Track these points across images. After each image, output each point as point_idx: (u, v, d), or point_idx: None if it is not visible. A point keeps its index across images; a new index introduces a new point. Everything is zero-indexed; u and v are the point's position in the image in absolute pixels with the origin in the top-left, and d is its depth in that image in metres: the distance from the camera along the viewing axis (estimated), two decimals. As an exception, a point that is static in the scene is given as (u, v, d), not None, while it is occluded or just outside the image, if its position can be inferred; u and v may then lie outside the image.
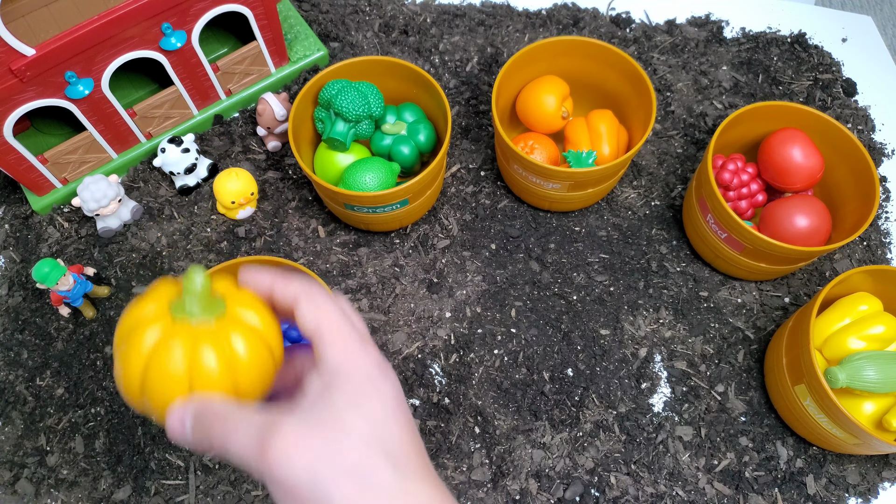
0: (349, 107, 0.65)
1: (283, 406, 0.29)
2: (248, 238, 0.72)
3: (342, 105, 0.65)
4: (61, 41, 0.59)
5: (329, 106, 0.67)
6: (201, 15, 0.67)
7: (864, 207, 0.63)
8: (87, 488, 0.61)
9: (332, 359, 0.29)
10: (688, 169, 0.77)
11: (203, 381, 0.29)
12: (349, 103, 0.65)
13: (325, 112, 0.68)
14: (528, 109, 0.72)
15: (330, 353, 0.29)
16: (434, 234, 0.73)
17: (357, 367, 0.29)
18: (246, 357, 0.30)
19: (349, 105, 0.65)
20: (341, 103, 0.65)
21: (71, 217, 0.73)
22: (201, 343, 0.29)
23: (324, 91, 0.67)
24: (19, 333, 0.68)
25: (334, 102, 0.65)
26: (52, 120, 0.74)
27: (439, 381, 0.65)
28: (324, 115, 0.68)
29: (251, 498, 0.60)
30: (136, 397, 0.30)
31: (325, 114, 0.68)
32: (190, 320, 0.29)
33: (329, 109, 0.67)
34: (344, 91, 0.66)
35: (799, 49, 0.86)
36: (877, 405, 0.59)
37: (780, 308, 0.70)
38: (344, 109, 0.65)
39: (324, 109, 0.68)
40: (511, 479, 0.61)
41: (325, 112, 0.68)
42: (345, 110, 0.65)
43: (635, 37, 0.86)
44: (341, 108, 0.65)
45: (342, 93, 0.65)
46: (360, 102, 0.65)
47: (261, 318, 0.31)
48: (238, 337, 0.30)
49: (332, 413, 0.27)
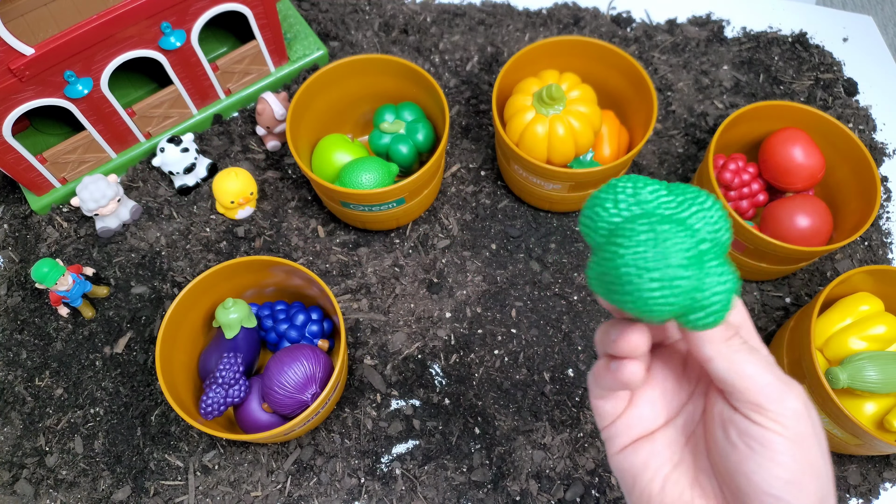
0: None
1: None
2: (247, 238, 0.72)
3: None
4: (60, 40, 0.59)
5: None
6: (200, 14, 0.67)
7: (866, 207, 0.63)
8: (86, 489, 0.61)
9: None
10: (689, 169, 0.77)
11: (557, 142, 0.63)
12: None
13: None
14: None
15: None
16: (434, 234, 0.73)
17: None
18: (579, 128, 0.63)
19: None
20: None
21: (70, 217, 0.73)
22: (555, 121, 0.63)
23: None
24: (18, 333, 0.67)
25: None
26: (52, 119, 0.74)
27: (439, 382, 0.65)
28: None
29: (251, 499, 0.60)
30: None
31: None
32: (547, 111, 0.64)
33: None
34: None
35: (800, 49, 0.86)
36: (878, 405, 0.59)
37: (781, 308, 0.69)
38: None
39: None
40: (511, 480, 0.61)
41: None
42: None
43: (636, 36, 0.86)
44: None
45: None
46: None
47: (587, 107, 0.64)
48: (573, 118, 0.63)
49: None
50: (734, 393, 0.26)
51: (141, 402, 0.64)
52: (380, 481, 0.61)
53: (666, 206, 0.26)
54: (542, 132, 0.64)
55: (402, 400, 0.64)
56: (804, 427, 0.26)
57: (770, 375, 0.26)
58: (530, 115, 0.65)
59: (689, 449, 0.30)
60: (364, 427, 0.63)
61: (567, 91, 0.66)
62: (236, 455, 0.62)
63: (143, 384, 0.65)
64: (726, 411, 0.27)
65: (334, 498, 0.60)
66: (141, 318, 0.68)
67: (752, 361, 0.26)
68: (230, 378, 0.57)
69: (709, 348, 0.26)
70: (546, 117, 0.64)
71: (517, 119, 0.65)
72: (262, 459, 0.62)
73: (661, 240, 0.25)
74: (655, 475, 0.29)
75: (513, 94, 0.67)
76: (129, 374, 0.65)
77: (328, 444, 0.62)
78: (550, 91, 0.63)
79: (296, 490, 0.60)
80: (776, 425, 0.25)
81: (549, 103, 0.64)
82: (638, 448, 0.30)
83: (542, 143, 0.65)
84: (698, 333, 0.26)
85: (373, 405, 0.64)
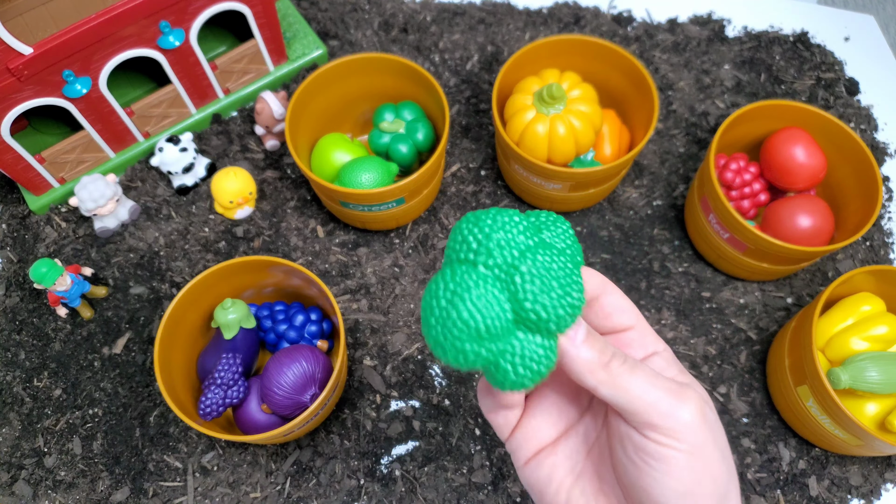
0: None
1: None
2: (246, 238, 0.72)
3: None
4: (59, 40, 0.59)
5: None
6: (199, 13, 0.67)
7: (867, 207, 0.62)
8: (84, 490, 0.60)
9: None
10: (690, 168, 0.77)
11: (558, 141, 0.63)
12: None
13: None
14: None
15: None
16: (434, 234, 0.72)
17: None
18: (580, 127, 0.63)
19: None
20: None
21: (68, 217, 0.73)
22: (555, 121, 0.63)
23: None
24: (17, 334, 0.67)
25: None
26: (50, 119, 0.74)
27: (439, 383, 0.65)
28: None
29: (249, 500, 0.60)
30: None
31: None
32: (547, 111, 0.63)
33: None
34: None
35: (801, 48, 0.85)
36: (880, 406, 0.59)
37: (783, 309, 0.69)
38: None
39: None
40: (512, 482, 0.61)
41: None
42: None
43: (637, 35, 0.86)
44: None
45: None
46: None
47: (588, 106, 0.63)
48: (574, 117, 0.63)
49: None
50: (626, 414, 0.25)
51: (139, 403, 0.64)
52: (379, 483, 0.61)
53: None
54: (543, 131, 0.64)
55: (401, 401, 0.64)
56: (701, 436, 0.25)
57: (657, 391, 0.25)
58: (531, 115, 0.65)
59: (592, 459, 0.29)
60: (363, 428, 0.63)
61: (568, 90, 0.66)
62: (235, 456, 0.62)
63: (142, 385, 0.65)
64: (622, 427, 0.26)
65: (333, 499, 0.60)
66: (139, 319, 0.68)
67: (637, 380, 0.25)
68: (229, 379, 0.57)
69: (590, 378, 0.25)
70: (547, 116, 0.64)
71: (518, 118, 0.65)
72: (261, 461, 0.61)
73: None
74: (560, 488, 0.29)
75: (513, 94, 0.67)
76: (128, 375, 0.65)
77: (327, 446, 0.62)
78: (551, 90, 0.63)
79: (295, 491, 0.60)
80: (671, 440, 0.25)
81: (549, 102, 0.64)
82: (541, 461, 0.29)
83: (543, 142, 0.64)
84: (574, 365, 0.25)
85: (372, 406, 0.64)
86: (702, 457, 0.25)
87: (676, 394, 0.25)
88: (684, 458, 0.25)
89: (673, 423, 0.25)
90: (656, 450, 0.25)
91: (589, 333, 0.26)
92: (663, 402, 0.25)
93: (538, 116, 0.64)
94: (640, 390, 0.25)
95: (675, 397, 0.25)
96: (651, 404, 0.25)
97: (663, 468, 0.25)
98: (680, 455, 0.25)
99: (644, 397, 0.25)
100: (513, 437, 0.30)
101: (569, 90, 0.66)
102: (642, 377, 0.25)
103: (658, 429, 0.25)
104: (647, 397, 0.25)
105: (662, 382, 0.25)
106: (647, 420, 0.25)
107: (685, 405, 0.25)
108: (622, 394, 0.25)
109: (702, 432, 0.25)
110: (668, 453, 0.25)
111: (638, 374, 0.25)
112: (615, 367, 0.25)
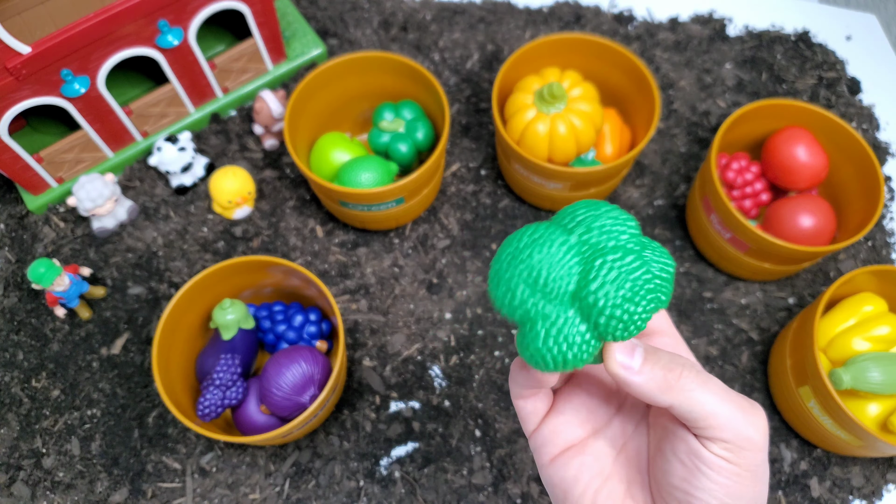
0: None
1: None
2: (244, 238, 0.72)
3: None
4: (57, 39, 0.59)
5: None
6: (198, 12, 0.66)
7: (869, 207, 0.62)
8: (83, 491, 0.60)
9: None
10: (691, 168, 0.77)
11: (558, 140, 0.63)
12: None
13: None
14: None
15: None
16: (434, 234, 0.72)
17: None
18: (581, 127, 0.63)
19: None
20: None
21: (66, 217, 0.73)
22: (556, 120, 0.63)
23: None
24: (15, 334, 0.67)
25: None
26: (48, 118, 0.73)
27: (439, 384, 0.65)
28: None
29: (248, 501, 0.60)
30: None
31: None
32: (548, 110, 0.63)
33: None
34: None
35: (803, 47, 0.85)
36: (882, 407, 0.59)
37: (785, 309, 0.69)
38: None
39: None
40: (512, 483, 0.60)
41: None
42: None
43: (638, 34, 0.85)
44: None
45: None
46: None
47: (589, 105, 0.63)
48: (575, 116, 0.62)
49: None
50: (691, 423, 0.25)
51: (138, 404, 0.64)
52: (379, 484, 0.60)
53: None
54: (544, 131, 0.64)
55: (401, 402, 0.64)
56: (760, 456, 0.25)
57: (730, 406, 0.25)
58: (531, 114, 0.64)
59: (621, 462, 0.29)
60: (363, 429, 0.63)
61: (568, 89, 0.66)
62: (234, 457, 0.61)
63: (140, 385, 0.64)
64: (678, 429, 0.26)
65: (333, 501, 0.60)
66: (138, 319, 0.68)
67: (709, 395, 0.25)
68: (228, 380, 0.56)
69: (666, 398, 0.25)
70: (547, 116, 0.64)
71: (518, 117, 0.65)
72: (260, 462, 0.61)
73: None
74: (587, 489, 0.28)
75: (513, 93, 0.67)
76: (126, 376, 0.65)
77: (327, 447, 0.62)
78: (552, 89, 0.62)
79: (294, 493, 0.60)
80: (732, 455, 0.25)
81: (550, 101, 0.63)
82: (568, 459, 0.29)
83: (544, 141, 0.64)
84: (651, 386, 0.25)
85: (372, 407, 0.63)
86: (753, 474, 0.25)
87: (748, 411, 0.25)
88: (739, 472, 0.25)
89: (741, 442, 0.25)
90: (712, 459, 0.25)
91: (648, 354, 0.26)
92: (736, 418, 0.25)
93: (539, 115, 0.64)
94: (713, 406, 0.25)
95: (747, 415, 0.25)
96: (725, 420, 0.25)
97: (713, 476, 0.25)
98: (736, 469, 0.25)
99: (717, 413, 0.25)
100: (538, 431, 0.30)
101: (569, 89, 0.66)
102: (714, 390, 0.25)
103: (723, 443, 0.25)
104: (720, 412, 0.25)
105: (734, 398, 0.25)
106: (715, 435, 0.25)
107: (755, 425, 0.25)
108: (698, 409, 0.25)
109: (762, 453, 0.25)
110: (725, 465, 0.25)
111: (710, 387, 0.25)
112: (688, 381, 0.25)
